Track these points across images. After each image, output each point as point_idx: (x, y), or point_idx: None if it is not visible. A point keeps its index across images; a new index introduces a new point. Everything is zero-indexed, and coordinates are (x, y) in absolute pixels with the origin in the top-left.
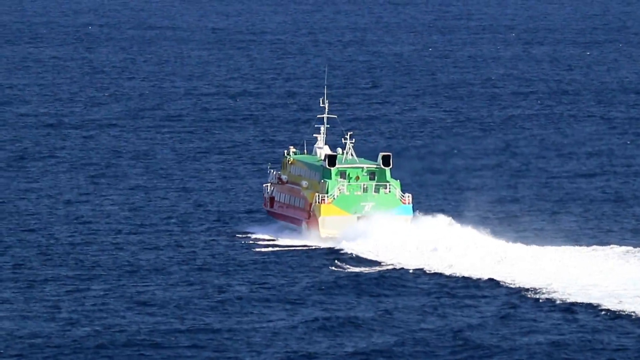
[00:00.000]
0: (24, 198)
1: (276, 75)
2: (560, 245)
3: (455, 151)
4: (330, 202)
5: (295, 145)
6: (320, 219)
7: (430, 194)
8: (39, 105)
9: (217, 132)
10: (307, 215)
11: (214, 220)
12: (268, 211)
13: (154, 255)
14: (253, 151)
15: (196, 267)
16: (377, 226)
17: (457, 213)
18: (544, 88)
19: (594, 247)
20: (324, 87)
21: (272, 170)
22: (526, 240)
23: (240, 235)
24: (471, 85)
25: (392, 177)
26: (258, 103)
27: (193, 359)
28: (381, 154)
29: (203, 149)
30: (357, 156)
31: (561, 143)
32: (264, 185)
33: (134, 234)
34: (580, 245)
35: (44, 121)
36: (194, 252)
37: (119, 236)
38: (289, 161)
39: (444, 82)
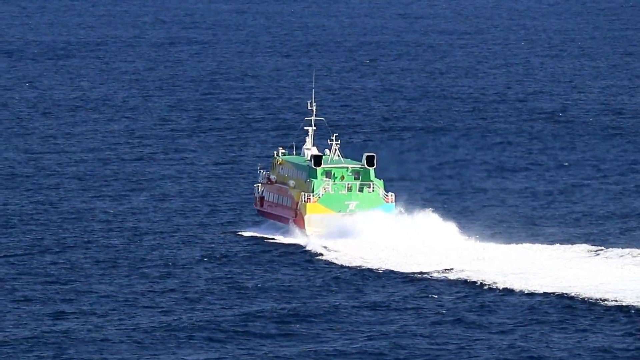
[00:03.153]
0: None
1: (268, 77)
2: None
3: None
4: (315, 201)
5: (284, 147)
6: (306, 217)
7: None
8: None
9: (211, 133)
10: (294, 213)
11: (207, 219)
12: (258, 210)
13: (149, 251)
14: (246, 152)
15: (186, 262)
16: (362, 224)
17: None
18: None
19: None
20: (312, 90)
21: (262, 171)
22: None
23: (231, 233)
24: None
25: (375, 176)
26: (250, 105)
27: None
28: (365, 154)
29: (198, 149)
30: (343, 157)
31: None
32: (254, 185)
33: (127, 231)
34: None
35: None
36: (186, 249)
37: (115, 233)
38: (277, 162)
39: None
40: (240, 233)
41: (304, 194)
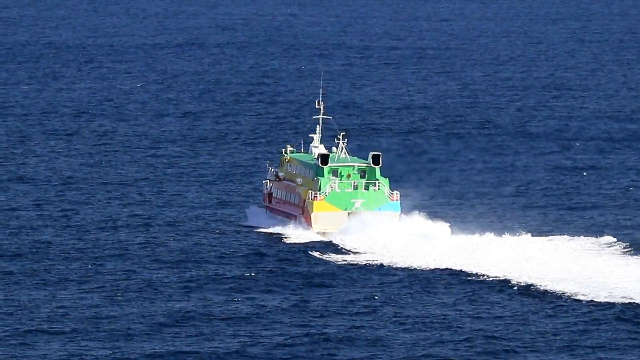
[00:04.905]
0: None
1: (276, 75)
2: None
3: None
4: (322, 199)
5: (292, 144)
6: (312, 215)
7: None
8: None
9: (220, 129)
10: (301, 211)
11: (217, 215)
12: (266, 206)
13: (162, 243)
14: (255, 149)
15: (197, 256)
16: (366, 222)
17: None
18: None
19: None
20: (320, 89)
21: (270, 168)
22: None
23: (239, 229)
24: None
25: (381, 175)
26: (259, 103)
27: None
28: (371, 153)
29: (209, 145)
30: (350, 155)
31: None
32: (263, 181)
33: (141, 226)
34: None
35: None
36: (197, 243)
37: (125, 230)
38: (285, 159)
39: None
40: (247, 228)
41: (311, 192)
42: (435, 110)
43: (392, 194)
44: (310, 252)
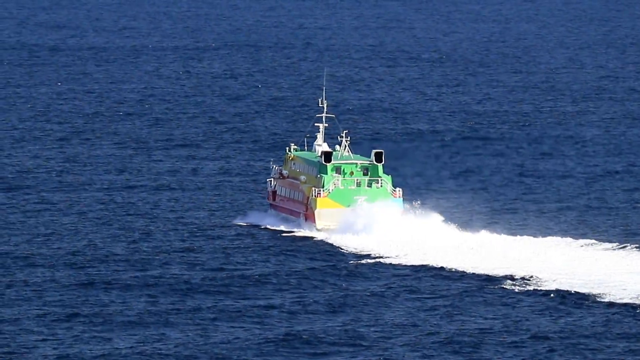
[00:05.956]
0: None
1: (280, 74)
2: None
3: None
4: (325, 196)
5: (296, 142)
6: (316, 212)
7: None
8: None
9: (225, 128)
10: (305, 208)
11: (222, 212)
12: (271, 204)
13: (162, 241)
14: (260, 147)
15: (203, 253)
16: (372, 218)
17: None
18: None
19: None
20: (323, 88)
21: (274, 166)
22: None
23: (244, 226)
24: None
25: (383, 172)
26: (262, 101)
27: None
28: (374, 150)
29: (214, 143)
30: (352, 153)
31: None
32: (267, 179)
33: (142, 225)
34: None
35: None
36: (204, 240)
37: (125, 225)
38: (289, 157)
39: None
40: (252, 226)
41: (315, 189)
42: (475, 114)
43: (394, 190)
44: (313, 248)
